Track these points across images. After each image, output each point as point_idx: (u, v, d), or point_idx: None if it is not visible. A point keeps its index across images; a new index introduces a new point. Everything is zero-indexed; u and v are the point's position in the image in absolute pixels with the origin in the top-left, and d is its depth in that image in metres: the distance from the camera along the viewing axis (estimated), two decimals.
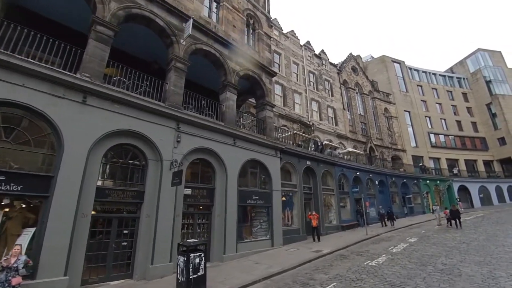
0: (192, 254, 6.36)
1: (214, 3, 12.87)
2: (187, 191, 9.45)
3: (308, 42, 26.54)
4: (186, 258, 6.27)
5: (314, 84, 25.31)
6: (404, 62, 40.28)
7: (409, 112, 36.08)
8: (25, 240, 6.04)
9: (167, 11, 10.05)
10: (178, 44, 10.21)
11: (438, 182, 30.28)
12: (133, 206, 8.21)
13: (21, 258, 4.99)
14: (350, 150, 22.63)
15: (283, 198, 14.05)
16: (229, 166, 10.77)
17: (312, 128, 21.96)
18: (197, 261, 6.40)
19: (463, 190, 32.07)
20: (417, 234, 14.22)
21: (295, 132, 17.86)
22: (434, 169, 33.50)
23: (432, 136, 36.39)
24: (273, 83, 20.12)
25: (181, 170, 8.14)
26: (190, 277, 6.18)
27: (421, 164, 32.10)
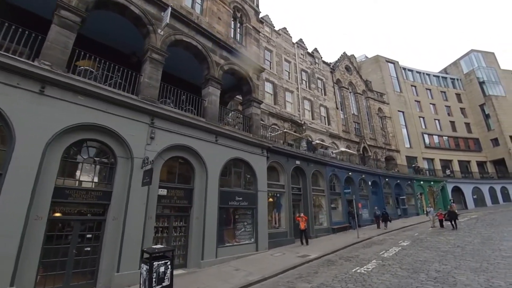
0: (156, 262, 5.62)
1: None
2: (162, 192, 8.71)
3: (301, 40, 26.03)
4: (149, 267, 5.55)
5: (307, 82, 24.74)
6: (398, 62, 40.06)
7: (403, 112, 35.78)
8: None
9: None
10: (155, 34, 9.51)
11: (432, 183, 29.94)
12: (98, 208, 7.44)
13: None
14: (343, 150, 22.05)
15: (270, 199, 13.38)
16: (210, 165, 10.06)
17: (303, 127, 21.34)
18: (161, 270, 5.67)
19: (457, 191, 31.76)
20: (410, 237, 13.66)
21: (285, 131, 17.23)
22: (428, 169, 33.22)
23: (426, 136, 36.13)
24: (263, 80, 19.53)
25: (151, 169, 7.43)
26: None
27: (414, 164, 31.71)
